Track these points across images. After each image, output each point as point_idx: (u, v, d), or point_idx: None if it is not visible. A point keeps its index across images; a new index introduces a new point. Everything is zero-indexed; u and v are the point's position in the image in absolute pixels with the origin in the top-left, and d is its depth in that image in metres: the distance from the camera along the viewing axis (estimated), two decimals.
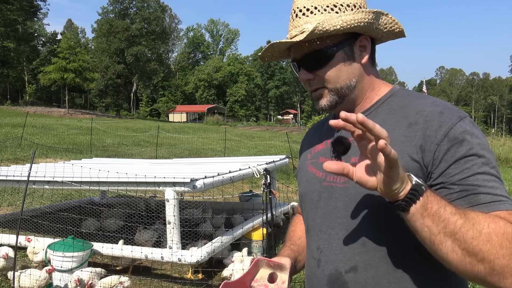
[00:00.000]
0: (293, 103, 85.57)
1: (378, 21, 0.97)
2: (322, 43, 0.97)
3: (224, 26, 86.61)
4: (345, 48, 0.98)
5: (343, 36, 0.98)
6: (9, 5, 40.71)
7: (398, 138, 0.92)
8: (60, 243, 4.06)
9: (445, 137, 0.86)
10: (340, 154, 0.98)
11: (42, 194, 7.72)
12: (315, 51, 0.97)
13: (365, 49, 1.01)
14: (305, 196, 1.09)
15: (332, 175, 1.01)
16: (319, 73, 0.99)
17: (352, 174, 0.80)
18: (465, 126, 0.88)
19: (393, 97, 1.02)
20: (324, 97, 1.00)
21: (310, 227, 1.06)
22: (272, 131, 39.53)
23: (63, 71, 37.42)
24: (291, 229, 1.30)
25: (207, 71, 70.01)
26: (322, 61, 0.98)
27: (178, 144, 20.46)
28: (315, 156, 1.11)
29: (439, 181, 0.86)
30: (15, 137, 16.13)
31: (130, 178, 4.14)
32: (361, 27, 0.95)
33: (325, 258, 0.98)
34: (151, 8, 50.72)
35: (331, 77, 0.98)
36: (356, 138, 0.78)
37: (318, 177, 1.05)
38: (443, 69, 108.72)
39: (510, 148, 19.38)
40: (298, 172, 1.18)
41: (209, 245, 4.19)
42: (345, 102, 1.02)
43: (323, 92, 1.00)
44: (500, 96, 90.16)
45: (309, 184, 1.08)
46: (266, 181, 3.71)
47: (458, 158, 0.85)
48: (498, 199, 0.81)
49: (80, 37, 74.52)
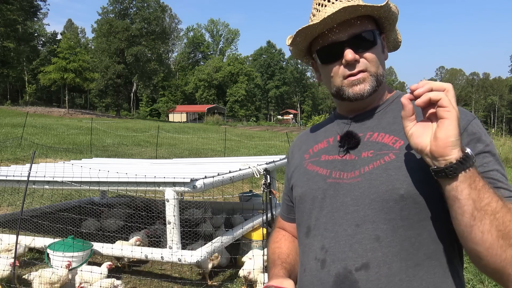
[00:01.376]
0: (293, 103, 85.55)
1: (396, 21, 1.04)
2: (370, 27, 0.98)
3: (224, 26, 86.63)
4: (380, 38, 1.01)
5: (377, 27, 1.01)
6: (9, 5, 40.70)
7: None
8: (60, 243, 4.06)
9: (465, 131, 0.88)
10: (350, 148, 0.99)
11: (42, 194, 7.72)
12: (366, 32, 0.97)
13: (384, 46, 1.04)
14: (306, 195, 1.03)
15: (338, 171, 0.98)
16: (367, 55, 0.97)
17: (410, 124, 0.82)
18: (479, 125, 0.91)
19: (388, 103, 1.04)
20: (367, 82, 0.97)
21: (312, 228, 0.99)
22: (272, 131, 39.53)
23: (63, 71, 37.41)
24: (276, 246, 1.21)
25: (207, 71, 69.99)
26: (371, 43, 0.97)
27: (178, 144, 20.45)
28: (315, 155, 1.07)
29: None
30: (15, 137, 16.13)
31: (130, 178, 4.14)
32: (395, 17, 1.00)
33: (332, 257, 0.92)
34: (151, 8, 50.72)
35: (376, 61, 0.98)
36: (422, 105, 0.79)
37: (321, 174, 1.01)
38: (443, 69, 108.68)
39: (510, 148, 19.37)
40: (293, 174, 1.13)
41: (209, 245, 4.19)
42: (375, 94, 1.00)
43: (365, 76, 0.97)
44: (500, 96, 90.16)
45: (310, 182, 1.03)
46: (266, 181, 3.71)
47: (478, 152, 0.86)
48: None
49: (80, 37, 74.48)
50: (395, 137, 0.95)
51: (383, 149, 0.94)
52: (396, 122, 0.97)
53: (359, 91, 0.97)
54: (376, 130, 0.99)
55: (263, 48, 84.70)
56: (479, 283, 4.19)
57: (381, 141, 0.96)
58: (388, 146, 0.94)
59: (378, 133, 0.98)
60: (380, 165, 0.92)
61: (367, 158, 0.95)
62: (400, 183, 0.88)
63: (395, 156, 0.92)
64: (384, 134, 0.97)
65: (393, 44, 1.11)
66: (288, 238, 1.22)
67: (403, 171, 0.89)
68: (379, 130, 0.98)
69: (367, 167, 0.94)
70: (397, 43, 1.11)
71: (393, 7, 0.97)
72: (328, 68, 1.00)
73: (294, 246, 1.17)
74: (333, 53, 0.98)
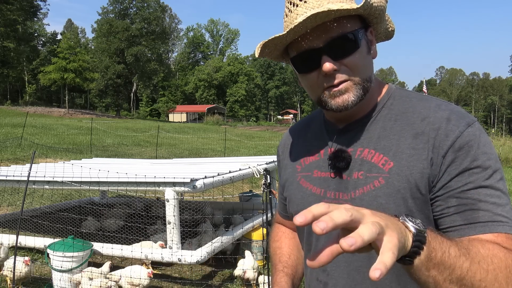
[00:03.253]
0: (293, 103, 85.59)
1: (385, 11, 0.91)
2: (349, 27, 0.85)
3: (224, 26, 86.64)
4: (365, 36, 0.89)
5: (360, 23, 0.88)
6: (9, 5, 40.71)
7: (405, 150, 0.85)
8: (60, 243, 4.06)
9: (451, 148, 0.80)
10: (341, 170, 0.92)
11: (42, 194, 7.72)
12: (345, 35, 0.84)
13: (372, 43, 0.92)
14: None
15: (332, 191, 0.94)
16: (348, 62, 0.85)
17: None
18: (474, 133, 0.81)
19: (392, 100, 0.94)
20: (350, 92, 0.86)
21: (313, 248, 0.97)
22: (272, 131, 39.53)
23: (63, 71, 37.43)
24: (276, 246, 1.19)
25: (207, 71, 70.01)
26: (352, 47, 0.85)
27: (178, 144, 20.46)
28: (307, 169, 1.01)
29: (439, 194, 0.81)
30: (15, 137, 16.13)
31: (130, 178, 4.14)
32: (381, 10, 0.88)
33: (333, 281, 0.93)
34: (151, 8, 50.73)
35: (359, 66, 0.86)
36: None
37: (315, 194, 0.97)
38: (443, 69, 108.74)
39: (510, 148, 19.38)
40: (287, 185, 1.08)
41: (209, 245, 4.19)
42: (362, 102, 0.90)
43: (348, 86, 0.86)
44: (500, 96, 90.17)
45: (305, 202, 0.98)
46: (266, 181, 3.71)
47: (462, 170, 0.79)
48: (497, 219, 0.76)
49: (80, 37, 74.50)
50: (384, 156, 0.87)
51: (372, 170, 0.88)
52: (386, 136, 0.89)
53: (342, 103, 0.87)
54: (366, 146, 0.91)
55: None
56: None
57: (371, 161, 0.89)
58: (378, 167, 0.87)
59: (368, 150, 0.90)
60: (370, 191, 0.87)
61: (358, 180, 0.90)
62: (391, 212, 0.79)
63: (385, 181, 0.86)
64: (374, 152, 0.89)
65: (385, 34, 0.99)
66: (288, 235, 1.21)
67: (393, 199, 0.84)
68: (369, 145, 0.91)
69: (357, 191, 0.89)
70: (390, 33, 0.99)
71: (376, 1, 0.85)
72: (306, 78, 0.90)
73: (294, 242, 1.17)
74: (310, 61, 0.87)
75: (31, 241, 4.66)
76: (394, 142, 0.87)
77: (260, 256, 4.86)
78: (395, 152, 0.86)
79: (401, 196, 0.83)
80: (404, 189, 0.83)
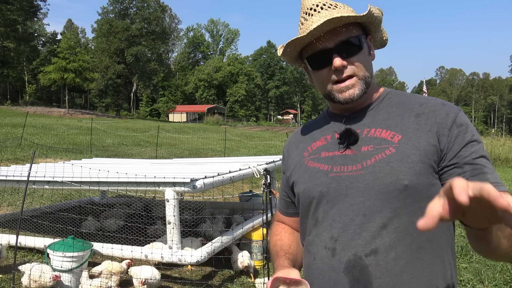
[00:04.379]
0: (293, 103, 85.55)
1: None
2: (354, 32, 1.03)
3: (224, 26, 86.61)
4: (366, 41, 1.07)
5: (362, 30, 1.06)
6: (9, 5, 40.70)
7: (410, 125, 1.00)
8: (60, 243, 4.06)
9: (454, 123, 0.98)
10: (350, 144, 1.04)
11: (42, 194, 7.72)
12: (352, 38, 1.02)
13: (371, 47, 1.10)
14: (310, 191, 1.07)
15: (338, 166, 1.04)
16: (354, 60, 1.02)
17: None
18: (465, 116, 1.01)
19: (390, 95, 1.11)
20: (356, 86, 1.03)
21: (320, 220, 1.05)
22: (272, 131, 39.52)
23: (63, 71, 37.43)
24: (277, 238, 1.25)
25: (207, 71, 70.00)
26: (357, 48, 1.02)
27: (178, 144, 20.46)
28: (314, 152, 1.12)
29: (454, 162, 0.96)
30: (15, 137, 16.13)
31: (130, 178, 4.14)
32: (379, 20, 1.06)
33: (341, 245, 0.99)
34: (151, 8, 50.72)
35: (363, 65, 1.03)
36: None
37: (323, 170, 1.06)
38: (443, 69, 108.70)
39: (510, 148, 19.35)
40: (293, 172, 1.16)
41: (209, 245, 4.19)
42: (365, 95, 1.06)
43: (354, 81, 1.03)
44: (500, 96, 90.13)
45: (313, 178, 1.07)
46: (266, 181, 3.71)
47: (467, 142, 0.96)
48: (498, 181, 0.93)
49: (80, 37, 74.46)
50: (392, 131, 1.01)
51: (382, 143, 1.01)
52: (390, 118, 1.05)
53: (349, 96, 1.03)
54: (372, 126, 1.05)
55: (263, 48, 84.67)
56: (479, 283, 4.19)
57: (379, 136, 1.02)
58: (387, 140, 1.01)
59: (375, 129, 1.04)
60: (382, 158, 0.98)
61: (368, 152, 1.01)
62: (403, 174, 0.96)
63: (395, 149, 0.98)
64: (381, 130, 1.03)
65: (380, 42, 1.17)
66: (288, 231, 1.27)
67: (405, 163, 0.96)
68: (375, 126, 1.05)
69: (369, 160, 1.00)
70: (384, 41, 1.17)
71: (376, 12, 1.04)
72: (318, 74, 1.06)
73: (294, 237, 1.24)
74: (322, 60, 1.03)
75: (31, 241, 4.66)
76: (399, 121, 1.03)
77: (260, 256, 4.86)
78: (401, 127, 1.01)
79: (411, 161, 0.96)
80: (413, 155, 0.97)
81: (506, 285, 4.15)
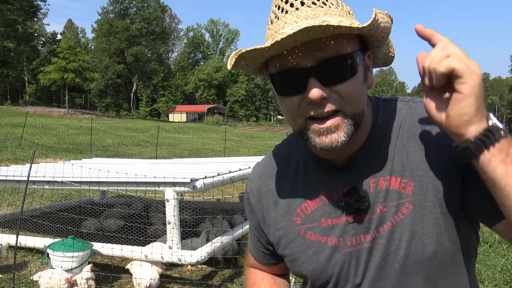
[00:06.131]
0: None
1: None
2: (346, 48, 0.70)
3: (224, 26, 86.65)
4: (364, 59, 0.75)
5: (359, 45, 0.73)
6: (9, 5, 40.71)
7: (420, 166, 0.79)
8: (60, 243, 4.06)
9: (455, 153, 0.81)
10: (364, 210, 0.80)
11: (42, 194, 7.72)
12: (342, 57, 0.69)
13: (369, 69, 0.77)
14: (323, 273, 0.85)
15: (353, 237, 0.81)
16: (340, 89, 0.70)
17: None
18: None
19: (383, 116, 0.84)
20: (341, 130, 0.72)
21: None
22: (272, 131, 39.53)
23: (63, 71, 37.47)
24: None
25: (207, 71, 70.05)
26: (347, 72, 0.70)
27: (178, 144, 20.47)
28: (310, 219, 0.86)
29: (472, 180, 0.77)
30: (15, 137, 16.14)
31: (130, 178, 4.14)
32: (386, 32, 0.74)
33: None
34: (151, 8, 50.78)
35: (353, 96, 0.71)
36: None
37: (333, 245, 0.83)
38: None
39: None
40: (284, 243, 0.90)
41: (209, 245, 4.19)
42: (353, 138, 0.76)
43: (338, 121, 0.71)
44: (500, 96, 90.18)
45: (322, 256, 0.84)
46: None
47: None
48: None
49: (80, 37, 74.53)
50: (402, 179, 0.78)
51: (394, 198, 0.78)
52: (393, 157, 0.80)
53: (329, 143, 0.72)
54: (378, 175, 0.80)
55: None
56: (479, 283, 4.19)
57: (390, 188, 0.79)
58: (400, 192, 0.78)
59: (383, 178, 0.80)
60: (400, 221, 0.78)
61: (382, 214, 0.79)
62: (429, 237, 0.76)
63: (412, 205, 0.77)
64: (389, 177, 0.79)
65: (383, 60, 0.85)
66: (268, 281, 1.05)
67: (427, 221, 0.76)
68: (380, 173, 0.80)
69: (385, 225, 0.79)
70: (389, 58, 0.86)
71: (383, 20, 0.71)
72: (286, 102, 0.74)
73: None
74: (293, 83, 0.71)
75: (31, 241, 4.66)
76: (405, 160, 0.79)
77: None
78: (410, 170, 0.78)
79: (433, 216, 0.77)
80: (434, 208, 0.76)
81: (506, 285, 4.15)
